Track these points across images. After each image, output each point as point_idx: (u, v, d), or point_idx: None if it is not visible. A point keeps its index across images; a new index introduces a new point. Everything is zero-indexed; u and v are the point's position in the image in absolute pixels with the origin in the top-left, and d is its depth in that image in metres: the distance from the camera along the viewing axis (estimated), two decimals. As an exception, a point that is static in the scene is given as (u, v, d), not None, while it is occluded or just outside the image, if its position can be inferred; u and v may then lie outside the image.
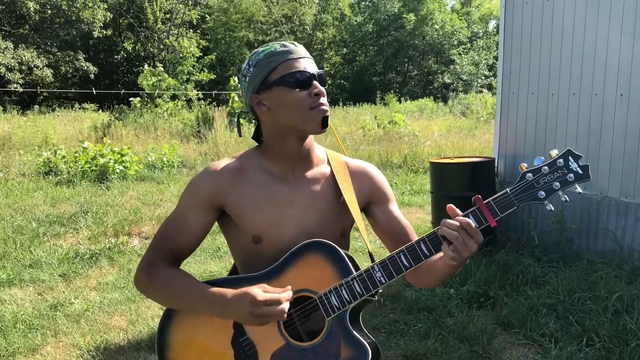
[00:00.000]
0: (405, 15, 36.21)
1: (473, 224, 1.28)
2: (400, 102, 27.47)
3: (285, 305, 1.31)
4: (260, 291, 1.31)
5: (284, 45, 1.40)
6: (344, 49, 39.81)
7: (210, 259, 5.47)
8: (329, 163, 1.54)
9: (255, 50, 1.45)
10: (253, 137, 1.53)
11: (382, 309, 4.19)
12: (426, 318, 4.01)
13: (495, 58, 36.05)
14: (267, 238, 1.43)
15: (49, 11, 26.68)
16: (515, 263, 4.65)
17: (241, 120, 1.64)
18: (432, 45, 37.36)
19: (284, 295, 1.32)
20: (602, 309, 3.79)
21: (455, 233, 1.27)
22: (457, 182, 5.34)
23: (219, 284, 1.42)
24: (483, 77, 37.05)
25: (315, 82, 1.40)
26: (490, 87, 33.96)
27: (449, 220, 1.30)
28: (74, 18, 27.21)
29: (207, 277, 4.95)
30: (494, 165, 5.55)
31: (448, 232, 1.28)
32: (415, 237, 1.52)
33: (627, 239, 4.60)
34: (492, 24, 42.12)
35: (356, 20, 39.23)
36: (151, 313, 4.25)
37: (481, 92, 29.78)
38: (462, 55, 37.15)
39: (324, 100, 1.41)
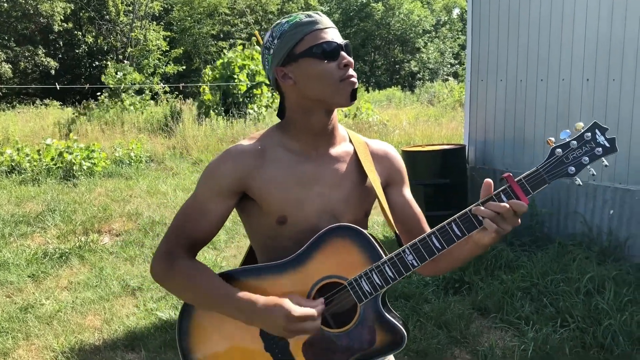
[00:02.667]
0: (372, 4, 36.25)
1: (522, 203, 1.24)
2: (368, 91, 27.56)
3: (319, 321, 1.29)
4: (295, 306, 1.27)
5: (309, 16, 1.35)
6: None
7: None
8: (351, 142, 1.49)
9: (278, 21, 1.39)
10: (278, 114, 1.46)
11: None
12: (404, 305, 4.03)
13: (461, 46, 36.48)
14: (292, 218, 1.37)
15: (5, 4, 25.86)
16: (488, 248, 4.70)
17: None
18: (398, 34, 37.54)
19: (318, 309, 1.29)
20: (575, 290, 3.87)
21: (492, 213, 1.23)
22: (429, 170, 5.38)
23: (239, 275, 1.38)
24: (449, 65, 37.44)
25: (343, 53, 1.34)
26: (456, 75, 34.34)
27: (495, 203, 1.25)
28: (32, 11, 26.43)
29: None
30: (464, 151, 5.60)
31: (491, 215, 1.24)
32: (426, 225, 1.50)
33: (596, 221, 4.71)
34: (455, 12, 42.49)
35: (322, 10, 39.14)
36: (126, 311, 4.17)
37: (447, 80, 30.08)
38: (428, 43, 37.44)
39: (352, 72, 1.36)
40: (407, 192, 1.54)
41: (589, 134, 1.27)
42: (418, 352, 3.41)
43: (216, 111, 14.06)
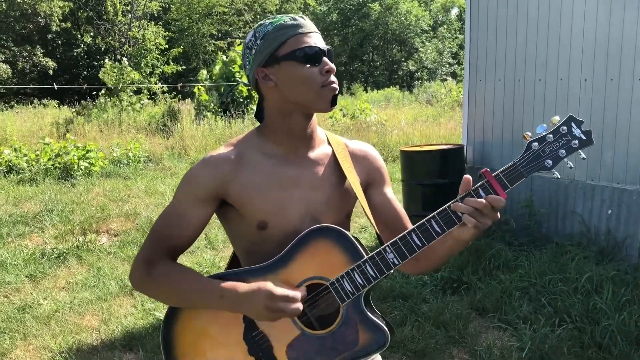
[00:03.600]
0: (370, 4, 36.25)
1: (499, 197, 1.25)
2: (366, 91, 27.55)
3: (300, 305, 1.30)
4: (277, 287, 1.29)
5: (294, 19, 1.35)
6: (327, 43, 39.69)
7: (182, 254, 5.38)
8: (329, 144, 1.49)
9: (262, 22, 1.39)
10: (255, 116, 1.47)
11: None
12: (402, 305, 4.03)
13: (459, 46, 36.48)
14: (273, 223, 1.38)
15: (3, 4, 25.81)
16: (487, 248, 4.71)
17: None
18: (396, 34, 37.55)
19: (298, 294, 1.30)
20: (573, 290, 3.88)
21: (470, 208, 1.24)
22: (427, 170, 5.38)
23: (221, 279, 1.38)
24: (447, 65, 37.44)
25: (325, 59, 1.35)
26: (454, 75, 34.33)
27: (473, 198, 1.25)
28: (29, 11, 26.39)
29: (197, 269, 4.87)
30: (463, 152, 5.60)
31: (469, 210, 1.24)
32: (409, 223, 1.49)
33: (594, 221, 4.71)
34: (454, 12, 42.50)
35: (320, 10, 39.11)
36: (124, 311, 4.16)
37: (446, 80, 30.09)
38: (426, 43, 37.45)
39: (334, 78, 1.37)
40: (388, 191, 1.54)
41: (565, 127, 1.29)
42: (416, 352, 3.41)
43: (214, 111, 14.05)
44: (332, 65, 1.36)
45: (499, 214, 1.27)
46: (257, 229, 1.38)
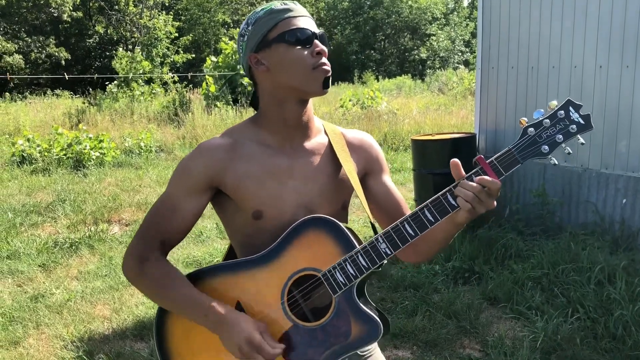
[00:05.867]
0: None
1: (494, 180, 1.23)
2: (378, 80, 27.39)
3: (274, 358, 1.30)
4: (257, 335, 1.28)
5: (284, 4, 1.35)
6: (320, 28, 39.43)
7: (193, 243, 5.40)
8: (326, 134, 1.48)
9: (254, 10, 1.39)
10: (250, 104, 1.46)
11: (368, 288, 4.18)
12: (413, 295, 4.01)
13: (472, 34, 36.10)
14: (268, 213, 1.37)
15: (16, -5, 25.96)
16: (498, 237, 4.67)
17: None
18: (407, 21, 37.22)
19: (275, 351, 1.29)
20: (586, 280, 3.83)
21: (470, 194, 1.22)
22: (439, 159, 5.33)
23: (216, 271, 1.38)
24: (460, 53, 37.11)
25: (317, 42, 1.35)
26: (467, 64, 34.02)
27: (467, 182, 1.23)
28: (41, 2, 26.49)
29: (190, 262, 4.90)
30: (475, 140, 5.54)
31: (465, 193, 1.22)
32: (408, 211, 1.47)
33: (608, 210, 4.65)
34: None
35: (333, -2, 38.84)
36: (135, 301, 4.18)
37: (458, 68, 29.81)
38: (438, 31, 37.11)
39: (325, 60, 1.35)
40: (387, 179, 1.53)
41: (562, 111, 1.25)
42: (427, 342, 3.39)
43: (224, 101, 14.04)
44: (324, 47, 1.35)
45: (495, 202, 1.24)
46: (253, 219, 1.37)
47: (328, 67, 1.35)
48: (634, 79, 4.39)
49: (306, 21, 1.35)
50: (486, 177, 1.23)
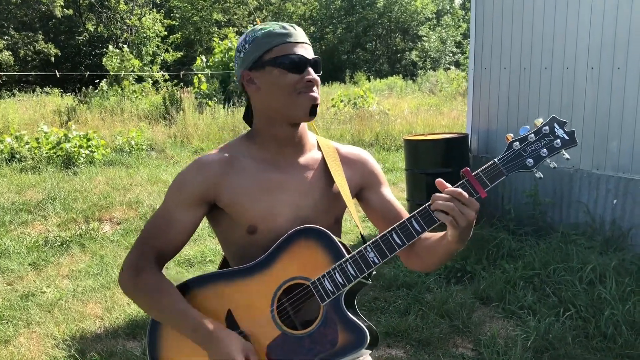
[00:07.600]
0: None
1: (464, 193, 1.25)
2: (369, 80, 27.41)
3: None
4: (242, 357, 1.29)
5: (284, 28, 1.37)
6: (312, 27, 39.47)
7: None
8: (319, 149, 1.51)
9: (254, 27, 1.42)
10: (243, 118, 1.49)
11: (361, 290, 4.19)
12: (405, 294, 4.02)
13: (463, 35, 36.23)
14: (262, 227, 1.39)
15: (5, -9, 25.72)
16: (490, 237, 4.69)
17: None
18: (399, 22, 37.29)
19: None
20: (577, 279, 3.86)
21: (450, 204, 1.24)
22: (431, 159, 5.35)
23: (209, 280, 1.40)
24: (451, 54, 37.21)
25: (310, 69, 1.37)
26: (458, 64, 34.12)
27: (440, 194, 1.26)
28: (31, -2, 26.29)
29: (182, 260, 4.88)
30: (467, 140, 5.56)
31: (442, 205, 1.24)
32: None
33: (599, 211, 4.69)
34: (457, 0, 42.15)
35: (324, -2, 38.80)
36: (127, 299, 4.16)
37: (449, 69, 29.89)
38: (430, 32, 37.20)
39: (315, 88, 1.38)
40: (386, 191, 1.55)
41: (547, 127, 1.31)
42: (420, 341, 3.40)
43: (215, 100, 13.99)
44: (315, 77, 1.37)
45: (473, 213, 1.25)
46: (247, 233, 1.40)
47: (315, 95, 1.37)
48: (625, 81, 4.43)
49: (303, 48, 1.37)
50: (454, 188, 1.26)
